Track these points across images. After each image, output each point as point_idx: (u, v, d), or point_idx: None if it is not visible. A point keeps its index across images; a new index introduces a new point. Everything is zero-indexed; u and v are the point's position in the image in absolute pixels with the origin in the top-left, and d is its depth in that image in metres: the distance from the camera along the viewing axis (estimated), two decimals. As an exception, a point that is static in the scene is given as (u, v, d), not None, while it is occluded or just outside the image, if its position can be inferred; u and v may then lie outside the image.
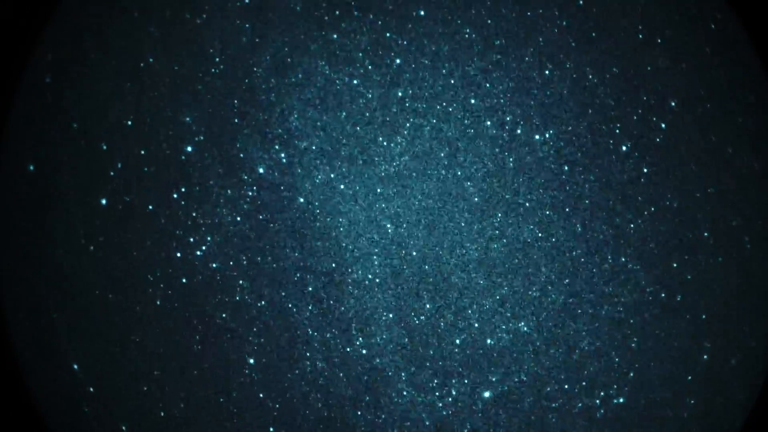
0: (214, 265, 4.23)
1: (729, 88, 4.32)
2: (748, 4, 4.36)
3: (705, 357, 4.39)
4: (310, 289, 4.25)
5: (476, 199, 4.23)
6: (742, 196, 4.36)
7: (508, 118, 4.16)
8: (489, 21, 4.15)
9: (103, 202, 4.20)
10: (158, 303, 4.25)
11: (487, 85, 4.14)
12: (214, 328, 4.25)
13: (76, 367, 4.33)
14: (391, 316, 4.34)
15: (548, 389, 4.40)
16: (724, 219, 4.32)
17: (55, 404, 4.45)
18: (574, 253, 4.22)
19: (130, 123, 4.15)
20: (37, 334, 4.37)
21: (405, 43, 4.14)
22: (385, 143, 4.17)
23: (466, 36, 4.14)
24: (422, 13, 4.14)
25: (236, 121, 4.13)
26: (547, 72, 4.12)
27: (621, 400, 4.32)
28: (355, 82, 4.14)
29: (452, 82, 4.17)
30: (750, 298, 4.43)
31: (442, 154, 4.20)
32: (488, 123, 4.16)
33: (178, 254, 4.22)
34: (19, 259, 4.31)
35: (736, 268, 4.35)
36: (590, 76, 4.14)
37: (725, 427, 4.52)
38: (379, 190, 4.20)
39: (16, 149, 4.22)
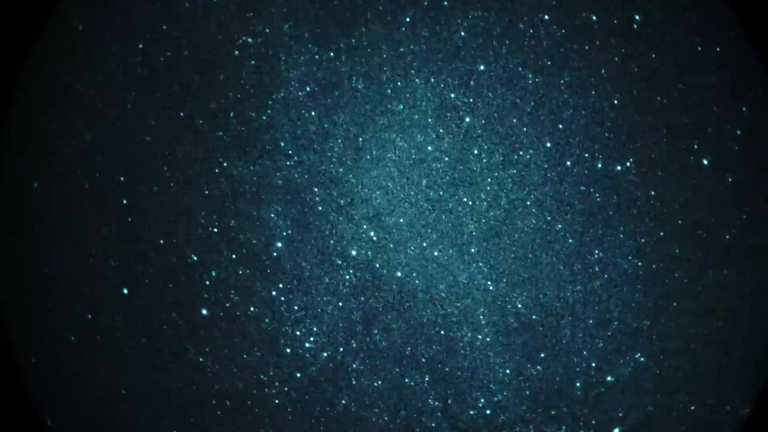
0: (325, 354, 4.22)
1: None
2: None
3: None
4: (424, 359, 4.22)
5: (570, 241, 4.21)
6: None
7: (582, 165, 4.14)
8: (547, 62, 4.15)
9: (204, 312, 4.21)
10: (277, 402, 4.23)
11: (560, 127, 4.13)
12: (337, 417, 4.23)
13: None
14: (507, 371, 4.30)
15: (674, 415, 4.33)
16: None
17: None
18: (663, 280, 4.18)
19: (216, 230, 4.16)
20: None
21: (470, 100, 4.14)
22: (470, 203, 4.16)
23: (528, 82, 4.14)
24: (481, 67, 4.15)
25: (320, 208, 4.14)
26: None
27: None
28: (429, 148, 4.14)
29: (524, 129, 4.17)
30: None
31: (529, 203, 4.18)
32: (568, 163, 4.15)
33: (288, 350, 4.21)
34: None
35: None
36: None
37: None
38: (472, 250, 4.18)
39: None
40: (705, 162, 4.24)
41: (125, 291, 4.21)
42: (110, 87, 4.10)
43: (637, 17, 4.11)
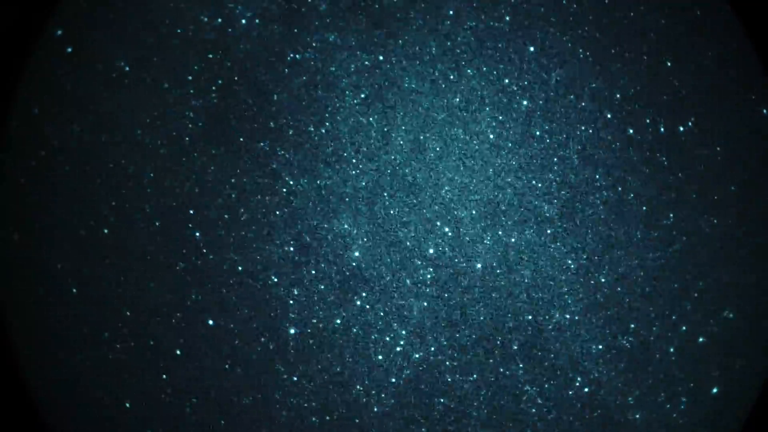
0: (417, 356, 4.20)
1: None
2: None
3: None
4: (516, 347, 4.21)
5: (644, 208, 4.19)
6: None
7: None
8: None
9: (291, 331, 4.20)
10: (376, 410, 4.22)
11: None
12: (438, 417, 4.22)
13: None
14: (600, 347, 4.28)
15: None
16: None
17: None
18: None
19: (292, 248, 4.16)
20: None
21: (525, 83, 4.14)
22: (539, 185, 4.16)
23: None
24: (531, 48, 4.13)
25: (392, 212, 4.13)
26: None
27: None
28: (491, 136, 4.14)
29: (583, 104, 4.16)
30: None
31: (598, 176, 4.17)
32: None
33: (380, 357, 4.20)
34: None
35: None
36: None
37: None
38: (549, 231, 4.18)
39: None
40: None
41: (211, 322, 4.20)
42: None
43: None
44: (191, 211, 4.18)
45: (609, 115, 4.18)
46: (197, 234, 4.19)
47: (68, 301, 4.27)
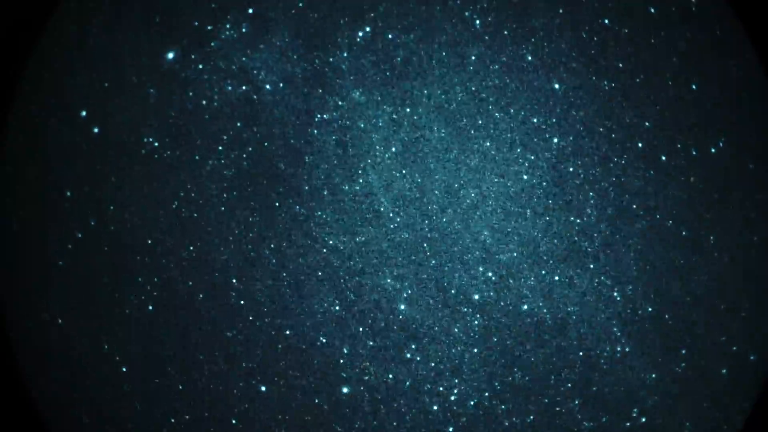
0: (472, 403, 4.20)
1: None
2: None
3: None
4: (570, 384, 4.21)
5: (684, 234, 4.19)
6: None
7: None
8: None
9: (345, 390, 4.20)
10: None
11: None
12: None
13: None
14: (653, 376, 4.28)
15: None
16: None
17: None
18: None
19: (338, 308, 4.17)
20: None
21: (554, 119, 4.14)
22: (578, 220, 4.16)
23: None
24: (556, 85, 4.14)
25: (433, 261, 4.13)
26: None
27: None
28: (524, 177, 4.15)
29: (614, 136, 4.16)
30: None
31: (635, 206, 4.17)
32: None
33: (435, 407, 4.19)
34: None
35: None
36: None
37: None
38: (592, 266, 4.18)
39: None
40: None
41: (263, 389, 4.20)
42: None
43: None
44: (233, 280, 4.18)
45: (640, 144, 4.18)
46: (242, 302, 4.19)
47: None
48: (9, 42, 4.15)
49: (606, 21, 4.16)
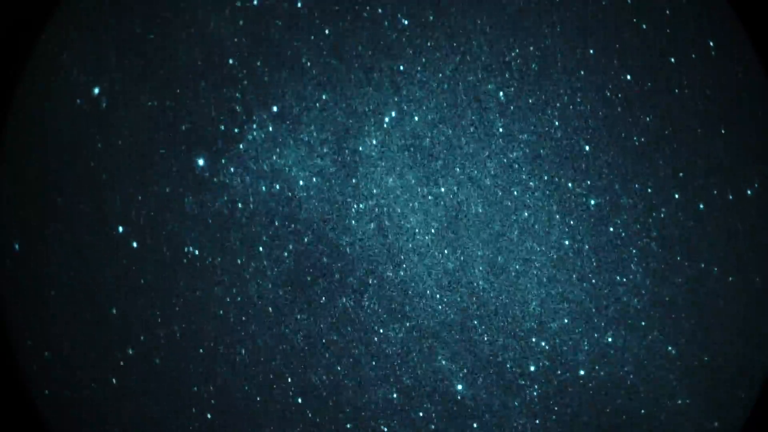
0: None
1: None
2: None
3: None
4: (636, 444, 4.19)
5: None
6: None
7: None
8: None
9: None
10: None
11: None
12: None
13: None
14: (690, 403, 4.26)
15: None
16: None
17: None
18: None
19: (395, 395, 4.15)
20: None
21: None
22: (624, 285, 4.15)
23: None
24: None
25: (486, 338, 4.13)
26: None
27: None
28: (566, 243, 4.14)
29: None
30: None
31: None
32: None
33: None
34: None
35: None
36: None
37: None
38: (635, 321, 4.17)
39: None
40: None
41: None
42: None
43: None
44: (289, 379, 4.17)
45: (677, 195, 4.18)
46: (299, 399, 4.17)
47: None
48: (9, 41, 4.12)
49: (629, 77, 4.17)
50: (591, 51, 4.09)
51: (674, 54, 4.22)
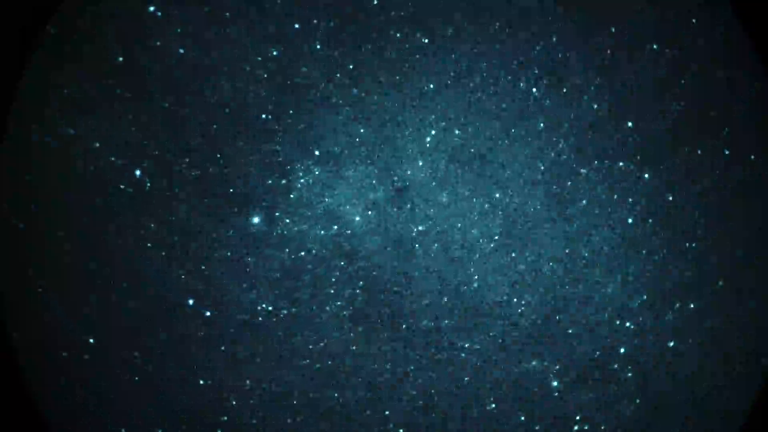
0: None
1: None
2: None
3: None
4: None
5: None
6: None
7: None
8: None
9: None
10: None
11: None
12: None
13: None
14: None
15: None
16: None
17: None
18: None
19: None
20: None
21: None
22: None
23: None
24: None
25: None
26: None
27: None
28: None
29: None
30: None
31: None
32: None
33: None
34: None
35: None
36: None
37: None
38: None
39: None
40: None
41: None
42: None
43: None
44: (387, 412, 4.18)
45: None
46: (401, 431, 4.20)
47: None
48: (9, 41, 4.09)
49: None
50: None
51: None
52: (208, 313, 4.19)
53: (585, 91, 4.13)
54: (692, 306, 4.31)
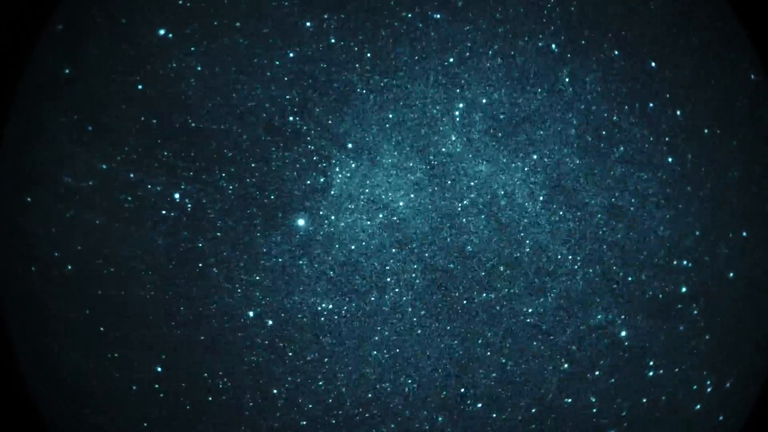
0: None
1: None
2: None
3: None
4: None
5: None
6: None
7: None
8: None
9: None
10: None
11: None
12: None
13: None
14: None
15: None
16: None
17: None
18: None
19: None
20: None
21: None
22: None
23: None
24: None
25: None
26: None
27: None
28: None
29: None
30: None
31: None
32: None
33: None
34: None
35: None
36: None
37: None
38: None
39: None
40: None
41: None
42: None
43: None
44: (472, 375, 4.18)
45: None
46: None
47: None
48: (9, 42, 4.09)
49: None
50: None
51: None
52: (270, 322, 4.18)
53: (605, 40, 4.13)
54: (744, 234, 4.30)
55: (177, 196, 4.11)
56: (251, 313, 4.17)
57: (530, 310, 4.18)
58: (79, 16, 4.11)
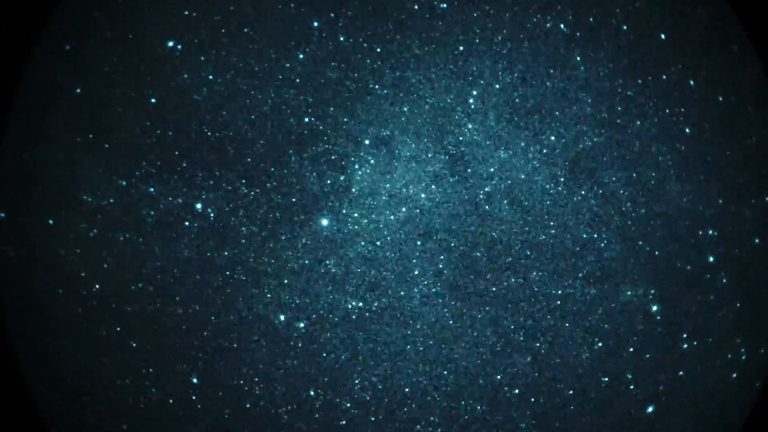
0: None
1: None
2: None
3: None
4: None
5: None
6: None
7: None
8: None
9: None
10: None
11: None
12: None
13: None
14: None
15: None
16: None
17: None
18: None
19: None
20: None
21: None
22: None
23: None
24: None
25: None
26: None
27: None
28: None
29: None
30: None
31: None
32: None
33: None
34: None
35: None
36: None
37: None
38: None
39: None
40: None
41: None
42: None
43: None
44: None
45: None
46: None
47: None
48: (9, 41, 4.08)
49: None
50: None
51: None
52: (301, 325, 4.18)
53: (613, 15, 4.13)
54: (766, 199, 4.30)
55: (199, 206, 4.11)
56: (282, 317, 4.16)
57: (560, 292, 4.17)
58: (87, 34, 4.11)
